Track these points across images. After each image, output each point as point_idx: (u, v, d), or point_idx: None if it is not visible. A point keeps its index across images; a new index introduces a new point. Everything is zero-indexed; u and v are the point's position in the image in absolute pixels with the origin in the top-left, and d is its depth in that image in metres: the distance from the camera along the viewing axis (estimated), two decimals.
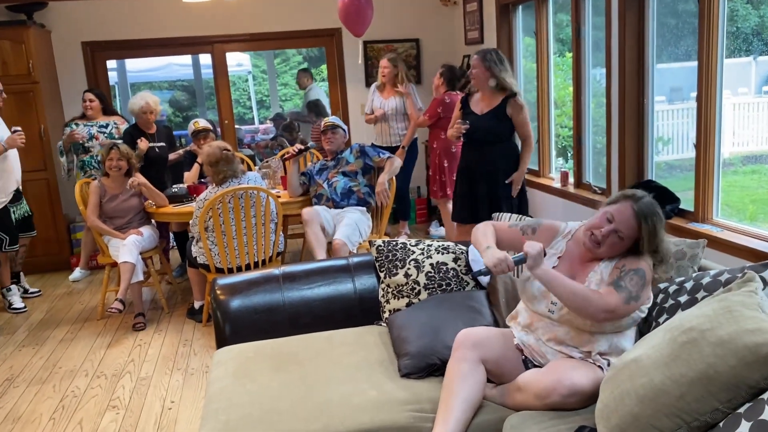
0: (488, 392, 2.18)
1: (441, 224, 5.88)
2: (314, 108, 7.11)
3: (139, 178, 4.45)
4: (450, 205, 5.39)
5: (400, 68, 5.60)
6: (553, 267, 2.25)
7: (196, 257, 4.01)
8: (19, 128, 4.50)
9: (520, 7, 5.41)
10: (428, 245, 2.77)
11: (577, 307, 2.07)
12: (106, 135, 5.25)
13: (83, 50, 6.05)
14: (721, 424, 1.57)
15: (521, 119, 4.09)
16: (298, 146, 4.51)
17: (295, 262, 3.02)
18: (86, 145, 5.19)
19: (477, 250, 2.63)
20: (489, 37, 5.72)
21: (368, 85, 6.42)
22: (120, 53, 6.37)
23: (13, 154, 4.61)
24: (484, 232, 2.35)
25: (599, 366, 2.10)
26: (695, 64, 3.38)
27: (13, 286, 4.85)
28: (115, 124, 5.33)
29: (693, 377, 1.61)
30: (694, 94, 3.43)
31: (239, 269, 3.94)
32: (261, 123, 11.56)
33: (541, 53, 5.08)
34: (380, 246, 2.80)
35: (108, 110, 5.42)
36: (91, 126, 5.23)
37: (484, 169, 4.15)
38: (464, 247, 2.77)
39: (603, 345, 2.13)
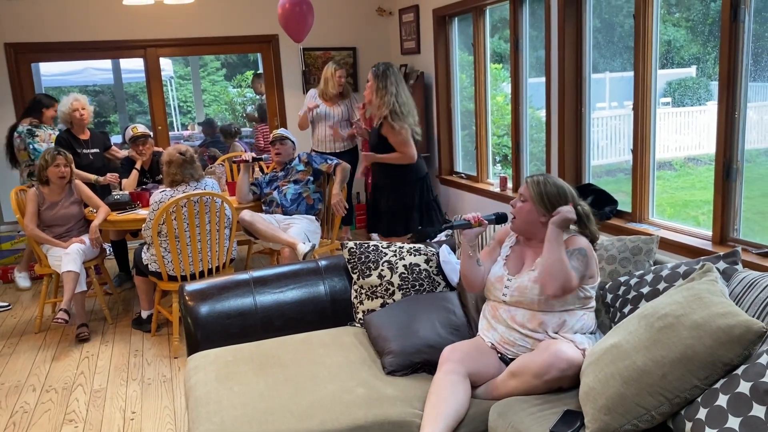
0: (474, 391, 2.28)
1: None
2: (261, 112, 7.11)
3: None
4: None
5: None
6: (504, 262, 2.46)
7: (147, 264, 3.92)
8: None
9: (456, 19, 5.61)
10: (400, 247, 2.86)
11: (552, 272, 2.23)
12: None
13: (6, 52, 5.77)
14: (699, 398, 1.75)
15: (394, 141, 3.98)
16: (252, 155, 4.49)
17: (262, 267, 3.02)
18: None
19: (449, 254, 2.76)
20: (426, 47, 5.90)
21: (305, 92, 6.45)
22: (46, 56, 6.09)
23: None
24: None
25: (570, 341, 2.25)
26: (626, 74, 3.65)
27: None
28: None
29: (673, 358, 1.78)
30: (628, 103, 3.71)
31: (192, 277, 3.88)
32: (184, 129, 11.30)
33: (479, 64, 5.28)
34: (352, 248, 2.87)
35: None
36: None
37: (377, 181, 4.29)
38: (435, 249, 2.88)
39: (553, 322, 2.29)
